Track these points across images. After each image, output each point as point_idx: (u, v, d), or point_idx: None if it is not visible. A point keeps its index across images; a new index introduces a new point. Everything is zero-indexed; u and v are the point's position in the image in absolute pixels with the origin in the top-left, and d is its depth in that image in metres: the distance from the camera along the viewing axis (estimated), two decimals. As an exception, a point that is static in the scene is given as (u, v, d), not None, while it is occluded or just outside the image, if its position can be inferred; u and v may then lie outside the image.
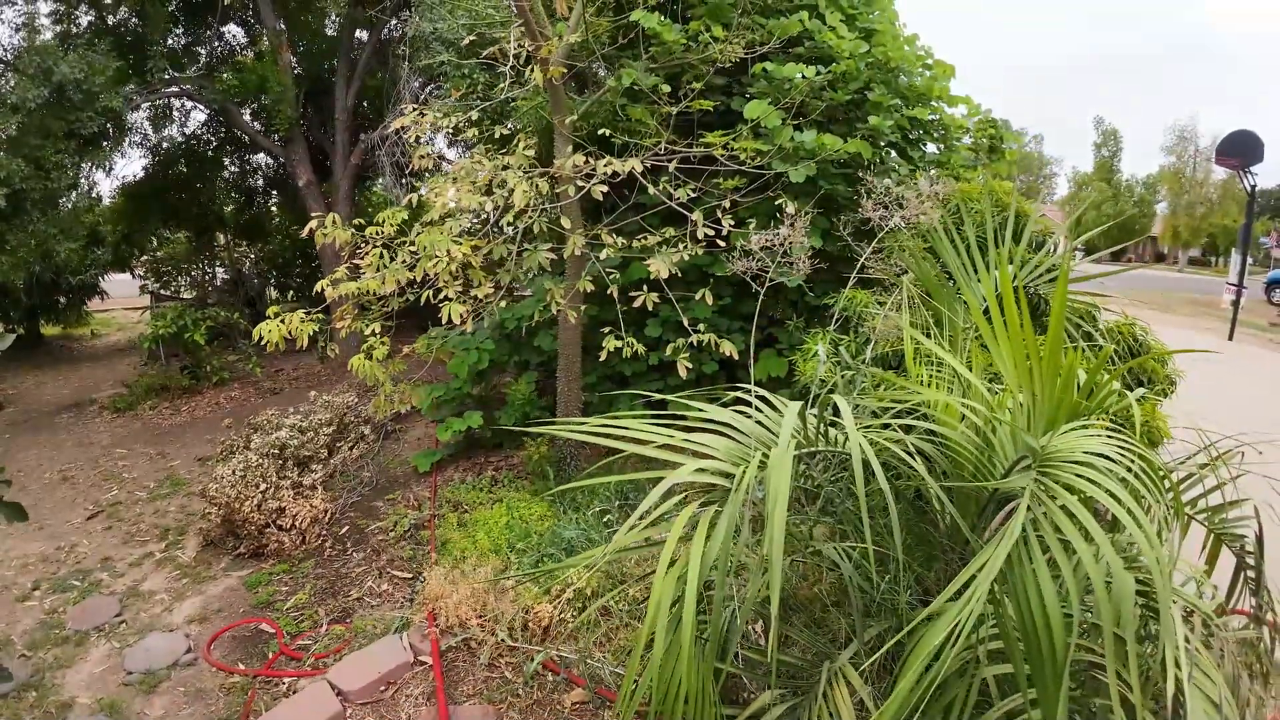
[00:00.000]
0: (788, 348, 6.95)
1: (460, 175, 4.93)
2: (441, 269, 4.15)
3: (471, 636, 4.28)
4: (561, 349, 6.65)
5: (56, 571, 6.34)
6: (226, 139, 15.09)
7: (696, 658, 2.24)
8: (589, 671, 3.88)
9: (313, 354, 13.52)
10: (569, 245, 5.03)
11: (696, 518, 2.42)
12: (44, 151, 10.25)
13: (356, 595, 5.45)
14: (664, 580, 2.14)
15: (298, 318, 4.25)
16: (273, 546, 6.19)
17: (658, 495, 2.29)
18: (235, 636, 5.13)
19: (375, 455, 8.33)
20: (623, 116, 6.26)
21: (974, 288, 4.74)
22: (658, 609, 2.13)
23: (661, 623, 2.10)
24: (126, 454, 9.35)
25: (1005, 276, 2.95)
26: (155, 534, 6.97)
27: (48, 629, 5.41)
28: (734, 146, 5.32)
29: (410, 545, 6.09)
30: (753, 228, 5.10)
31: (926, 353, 4.27)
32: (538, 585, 4.29)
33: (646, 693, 2.43)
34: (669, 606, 2.16)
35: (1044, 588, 2.47)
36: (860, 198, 6.38)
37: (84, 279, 15.94)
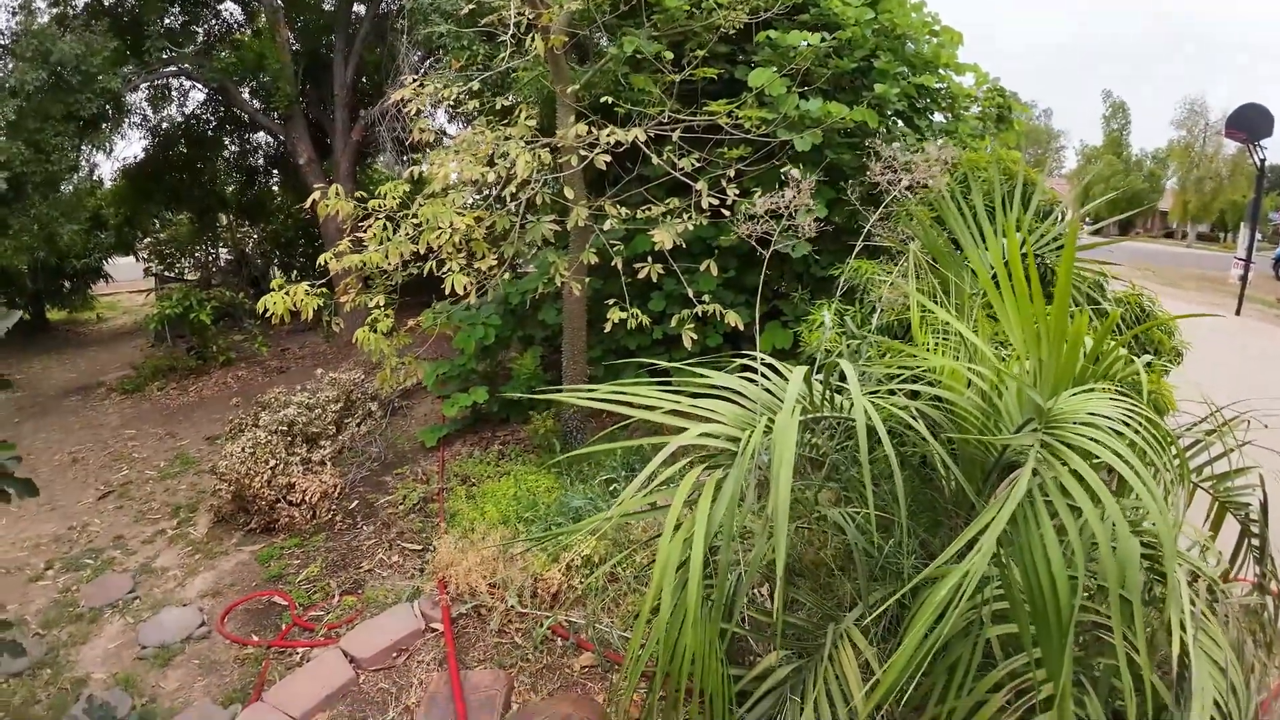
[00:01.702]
0: (792, 319, 6.94)
1: (462, 147, 4.90)
2: (445, 241, 4.14)
3: (481, 603, 4.34)
4: (566, 322, 6.64)
5: (69, 551, 6.41)
6: (226, 118, 15.00)
7: (703, 619, 2.26)
8: (597, 636, 3.93)
9: (318, 333, 13.54)
10: (573, 217, 5.00)
11: (702, 482, 2.43)
12: (43, 134, 10.21)
13: (367, 567, 5.50)
14: (669, 543, 2.16)
15: (302, 290, 4.25)
16: (284, 521, 6.24)
17: (662, 458, 2.30)
18: (248, 609, 5.19)
19: (383, 431, 8.37)
20: (625, 86, 6.20)
21: (981, 255, 4.71)
22: (664, 571, 2.14)
23: (668, 584, 2.12)
24: (135, 435, 9.42)
25: (1014, 241, 2.93)
26: (166, 512, 7.04)
27: (61, 607, 5.47)
28: (739, 115, 5.26)
29: (419, 518, 6.14)
30: (758, 196, 5.06)
31: (932, 321, 4.26)
32: (546, 553, 4.33)
33: (654, 655, 2.45)
34: (675, 570, 2.17)
35: (1050, 548, 2.48)
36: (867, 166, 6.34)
37: (88, 263, 15.99)
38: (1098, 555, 2.57)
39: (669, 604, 2.11)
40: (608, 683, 3.75)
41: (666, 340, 7.64)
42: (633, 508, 2.34)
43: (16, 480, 2.81)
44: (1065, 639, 2.38)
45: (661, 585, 2.12)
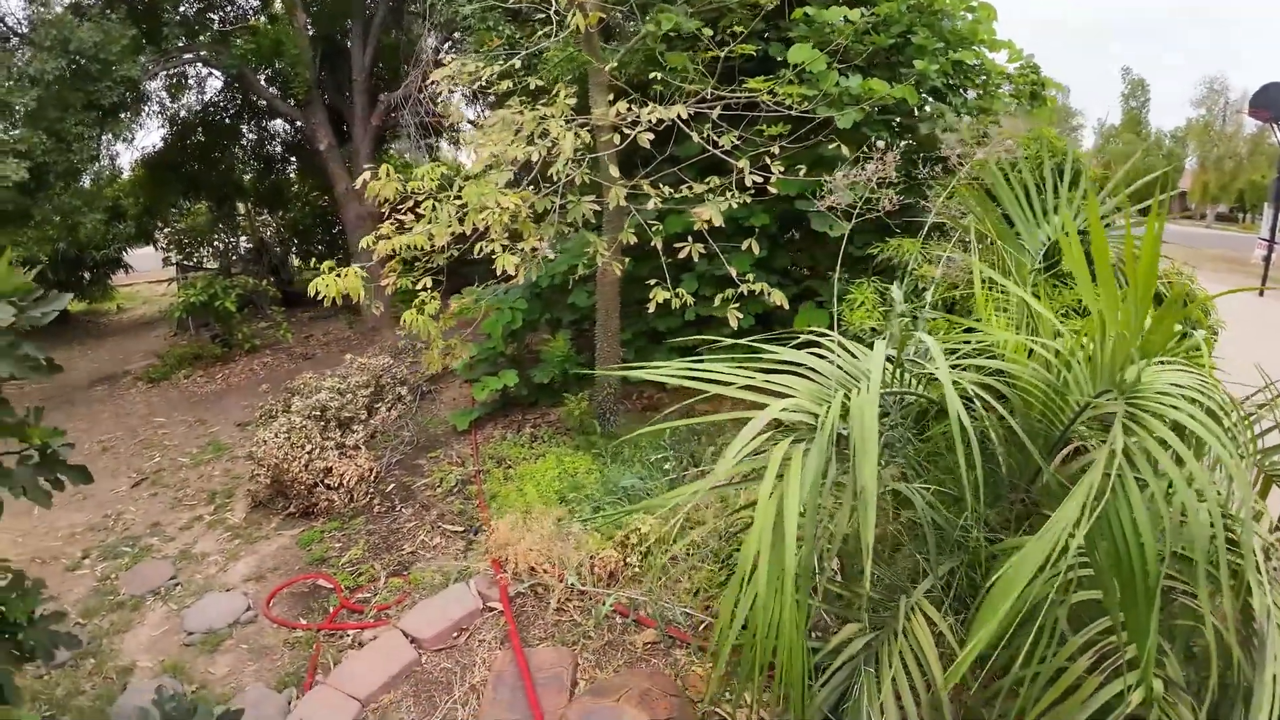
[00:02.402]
0: (828, 299, 6.88)
1: (500, 127, 4.85)
2: (494, 220, 4.10)
3: (539, 582, 4.34)
4: (600, 304, 6.61)
5: (105, 539, 6.43)
6: (243, 106, 14.98)
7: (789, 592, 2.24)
8: (659, 613, 3.92)
9: (341, 319, 13.57)
10: (612, 197, 4.95)
11: (787, 454, 2.40)
12: (64, 124, 10.21)
13: (410, 549, 5.51)
14: (765, 513, 2.13)
15: (354, 273, 4.22)
16: (322, 505, 6.26)
17: (755, 430, 2.27)
18: (293, 593, 5.21)
19: (413, 415, 8.37)
20: (660, 63, 6.13)
21: (1033, 232, 4.66)
22: (759, 542, 2.12)
23: (764, 556, 2.09)
24: (165, 422, 9.46)
25: (1094, 206, 2.87)
26: (202, 498, 7.07)
27: (101, 595, 5.48)
28: (780, 92, 5.19)
29: (459, 500, 6.14)
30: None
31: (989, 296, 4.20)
32: (601, 533, 4.32)
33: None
34: (770, 541, 2.15)
35: (1138, 515, 2.49)
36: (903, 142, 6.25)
37: (107, 253, 16.02)
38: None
39: (768, 575, 2.08)
40: (671, 658, 3.75)
41: (698, 320, 7.60)
42: (720, 479, 2.31)
43: (70, 467, 2.79)
44: (1152, 604, 2.39)
45: (757, 556, 2.09)
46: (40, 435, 2.56)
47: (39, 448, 2.60)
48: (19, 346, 2.41)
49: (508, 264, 4.17)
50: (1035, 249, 4.60)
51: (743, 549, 2.20)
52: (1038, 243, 4.65)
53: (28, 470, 2.59)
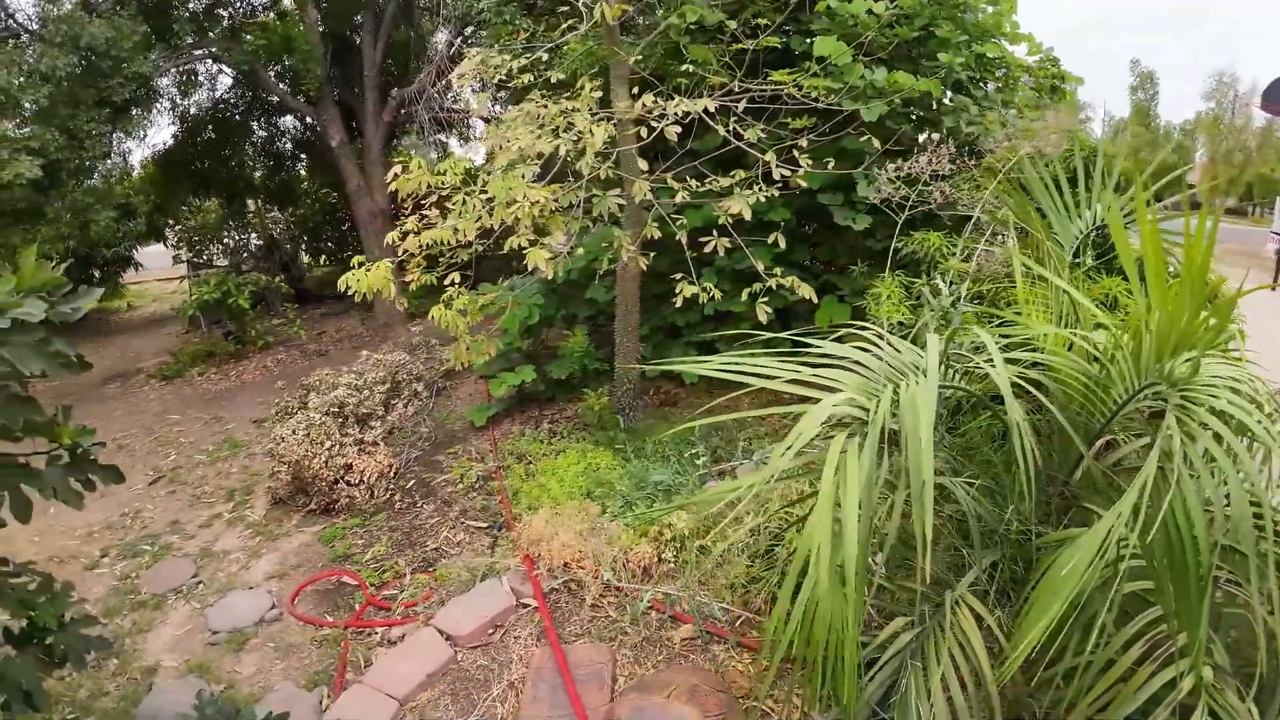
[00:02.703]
0: (849, 294, 6.83)
1: (522, 120, 4.81)
2: (523, 214, 4.06)
3: (573, 578, 4.31)
4: (620, 299, 6.57)
5: (124, 538, 6.41)
6: (253, 103, 14.95)
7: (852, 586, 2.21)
8: (696, 608, 3.88)
9: (353, 315, 13.56)
10: (636, 190, 4.91)
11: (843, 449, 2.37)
12: (76, 121, 10.18)
13: (434, 546, 5.49)
14: (826, 505, 2.10)
15: (385, 267, 4.18)
16: (343, 502, 6.24)
17: (812, 425, 2.24)
18: (317, 590, 5.19)
19: (430, 411, 8.35)
20: (682, 56, 6.08)
21: (1066, 226, 4.63)
22: (818, 535, 2.08)
23: (824, 549, 2.06)
24: (180, 420, 9.45)
25: (1143, 204, 2.83)
26: (221, 495, 7.06)
27: (122, 595, 5.44)
28: (806, 85, 5.14)
29: (481, 496, 6.12)
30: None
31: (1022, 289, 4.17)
32: (634, 528, 4.28)
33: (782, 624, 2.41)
34: (828, 536, 2.12)
35: (1191, 505, 2.50)
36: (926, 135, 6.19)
37: (118, 251, 16.00)
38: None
39: (827, 568, 2.05)
40: (710, 654, 3.72)
41: (716, 316, 7.57)
42: (775, 472, 2.28)
43: (101, 467, 2.74)
44: (1204, 593, 2.41)
45: (813, 551, 2.06)
46: (70, 435, 2.52)
47: (69, 447, 2.55)
48: (50, 343, 2.34)
49: (540, 259, 4.13)
50: (1068, 242, 4.56)
51: (799, 545, 2.17)
52: (1070, 236, 4.61)
53: (58, 471, 2.55)
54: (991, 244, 4.81)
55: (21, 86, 9.37)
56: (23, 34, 11.16)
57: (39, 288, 2.36)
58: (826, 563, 2.05)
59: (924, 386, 2.46)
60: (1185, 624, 2.54)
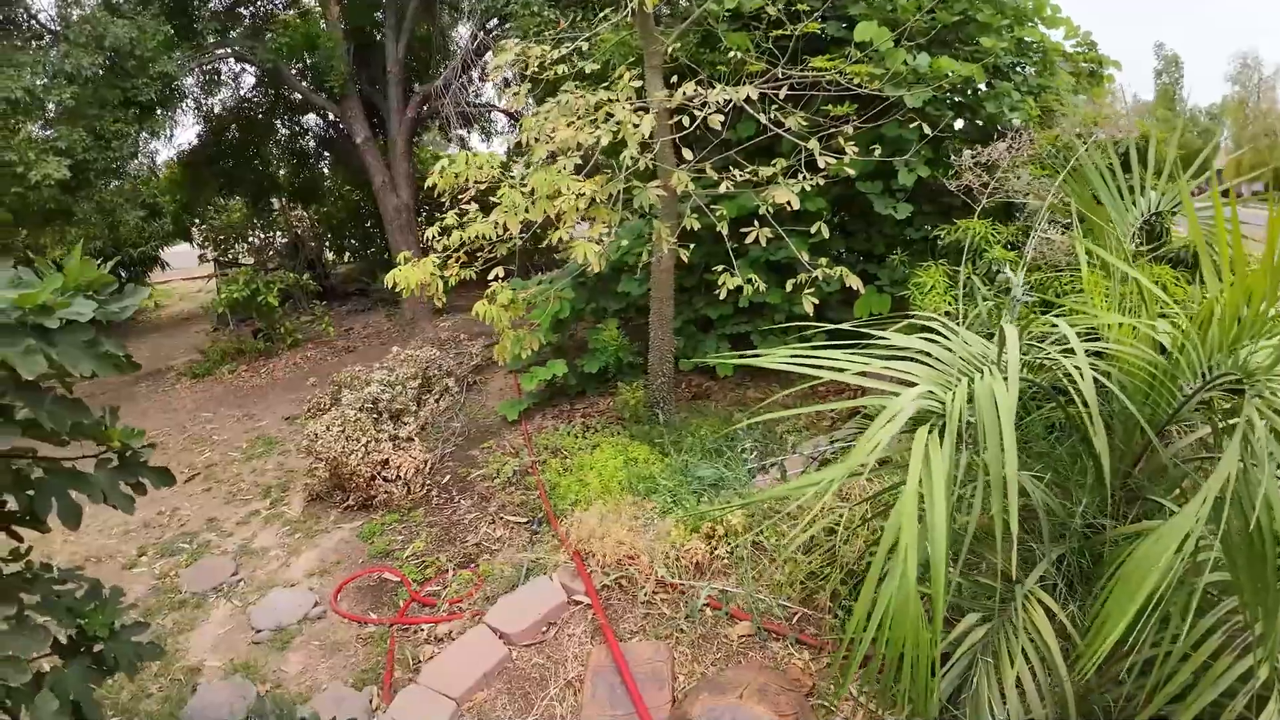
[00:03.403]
0: (888, 283, 6.73)
1: (557, 112, 4.74)
2: (568, 207, 4.00)
3: (624, 575, 4.25)
4: (654, 291, 6.50)
5: (161, 536, 6.43)
6: (277, 102, 15.01)
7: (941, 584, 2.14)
8: (753, 605, 3.81)
9: (380, 311, 13.60)
10: (676, 181, 4.84)
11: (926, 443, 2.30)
12: (103, 121, 10.24)
13: (474, 541, 5.46)
14: (910, 501, 2.03)
15: (430, 263, 4.14)
16: (381, 497, 6.23)
17: (896, 415, 2.17)
18: (359, 587, 5.18)
19: (461, 406, 8.35)
20: (716, 45, 5.99)
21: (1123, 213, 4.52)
22: (903, 532, 2.02)
23: (911, 547, 1.99)
24: (212, 417, 9.51)
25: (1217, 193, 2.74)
26: (257, 492, 7.08)
27: (162, 594, 5.45)
28: (848, 71, 5.04)
29: (518, 491, 6.08)
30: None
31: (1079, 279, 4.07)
32: (685, 524, 4.22)
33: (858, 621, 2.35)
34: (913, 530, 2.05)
35: (1271, 494, 2.46)
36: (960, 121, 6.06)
37: (145, 251, 16.18)
38: None
39: (913, 565, 1.98)
40: (769, 652, 3.65)
41: (751, 308, 7.48)
42: (853, 467, 2.21)
43: (151, 469, 2.69)
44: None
45: (904, 548, 2.00)
46: (119, 436, 2.47)
47: (118, 450, 2.51)
48: (99, 344, 2.24)
49: (589, 253, 4.06)
50: (1125, 230, 4.44)
51: (882, 541, 2.11)
52: (1127, 224, 4.50)
53: (107, 474, 2.50)
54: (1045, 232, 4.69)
55: (46, 88, 9.42)
56: (45, 35, 11.23)
57: (86, 286, 2.29)
58: (913, 560, 1.98)
59: (998, 381, 2.38)
60: (1262, 615, 2.49)
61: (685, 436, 6.32)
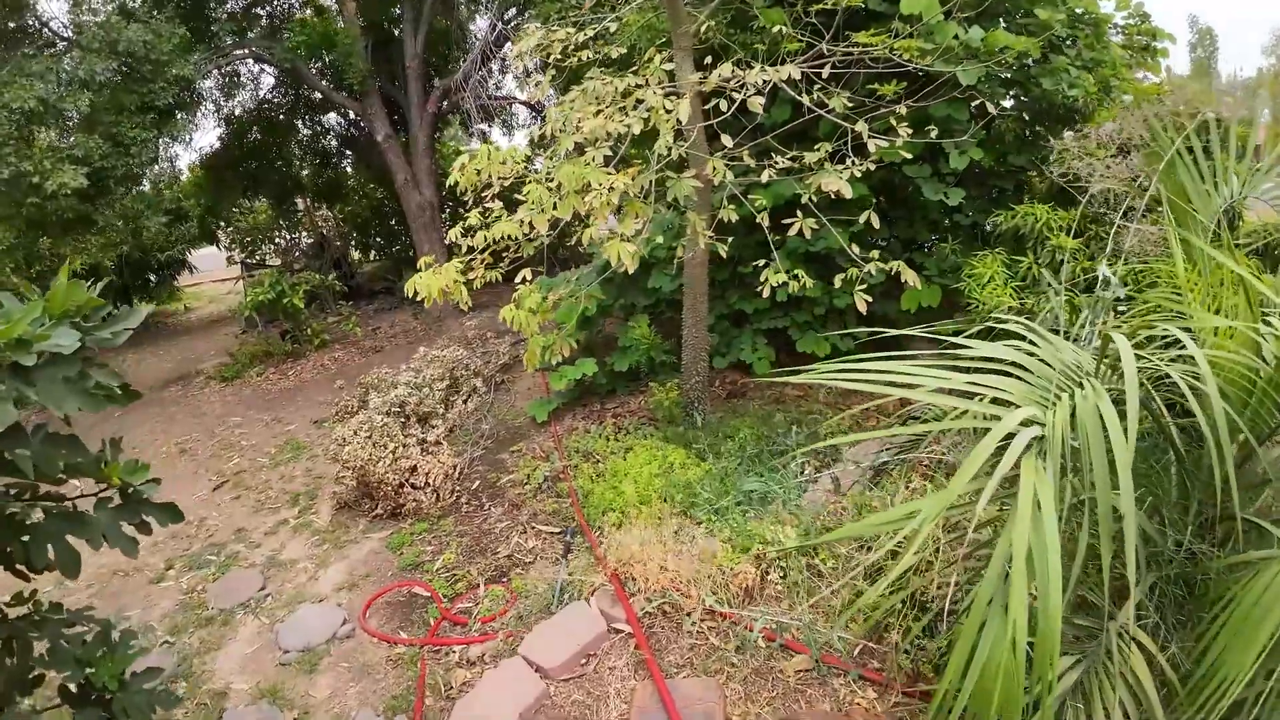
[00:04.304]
0: (936, 274, 6.35)
1: (582, 101, 4.45)
2: (599, 202, 3.72)
3: (667, 601, 3.95)
4: (688, 287, 6.20)
5: (189, 548, 6.29)
6: (297, 101, 14.90)
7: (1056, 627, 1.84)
8: (810, 636, 3.48)
9: (406, 310, 13.45)
10: (713, 170, 4.53)
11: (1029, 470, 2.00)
12: (120, 127, 10.14)
13: (505, 553, 5.23)
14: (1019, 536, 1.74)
15: (453, 268, 3.88)
16: (410, 506, 6.03)
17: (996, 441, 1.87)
18: (389, 602, 4.97)
19: (489, 408, 8.14)
20: (749, 25, 5.65)
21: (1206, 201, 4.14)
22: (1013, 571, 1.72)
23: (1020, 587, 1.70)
24: (241, 421, 9.41)
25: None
26: (285, 500, 6.92)
27: (188, 610, 5.30)
28: (897, 47, 4.67)
29: (550, 499, 5.84)
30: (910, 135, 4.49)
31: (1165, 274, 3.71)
32: (732, 544, 3.92)
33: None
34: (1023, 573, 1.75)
35: None
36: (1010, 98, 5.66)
37: (172, 255, 16.23)
38: None
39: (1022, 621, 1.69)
40: (830, 689, 3.35)
41: (789, 302, 7.15)
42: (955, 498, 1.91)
43: (156, 507, 2.49)
44: None
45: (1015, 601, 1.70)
46: (120, 473, 2.24)
47: (119, 487, 2.28)
48: (87, 378, 2.02)
49: (624, 253, 3.77)
50: (1209, 219, 4.08)
51: (980, 592, 1.82)
52: (1211, 212, 4.13)
53: (108, 514, 2.28)
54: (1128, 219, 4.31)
55: (62, 95, 9.31)
56: (58, 42, 11.15)
57: (72, 312, 2.05)
58: (1023, 614, 1.69)
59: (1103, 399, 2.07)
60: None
61: (723, 440, 6.03)
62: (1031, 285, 5.29)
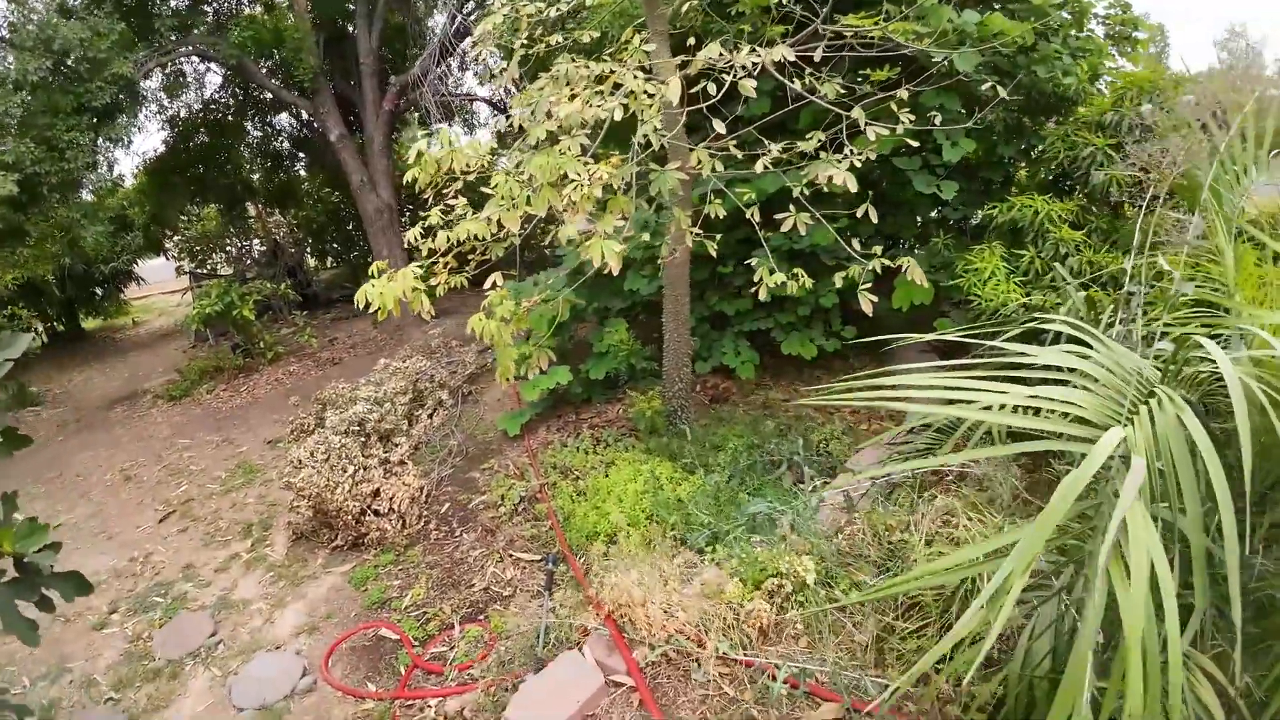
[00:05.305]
0: (928, 270, 6.03)
1: (552, 87, 4.04)
2: (581, 196, 3.32)
3: (674, 645, 3.49)
4: (669, 289, 5.82)
5: (134, 587, 5.75)
6: (246, 101, 14.21)
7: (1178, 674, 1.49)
8: (839, 681, 3.06)
9: (365, 318, 12.85)
10: (704, 163, 4.14)
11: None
12: (55, 130, 9.45)
13: (481, 586, 4.78)
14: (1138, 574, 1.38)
15: (411, 274, 3.44)
16: (373, 535, 5.54)
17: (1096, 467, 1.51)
18: (354, 647, 4.49)
19: (457, 422, 7.66)
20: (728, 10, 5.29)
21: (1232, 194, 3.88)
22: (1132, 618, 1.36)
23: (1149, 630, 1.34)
24: (190, 444, 8.79)
25: None
26: (237, 531, 6.38)
27: (134, 660, 4.80)
28: (891, 30, 4.34)
29: (527, 522, 5.40)
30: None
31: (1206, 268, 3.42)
32: (741, 577, 3.50)
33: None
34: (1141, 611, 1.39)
35: None
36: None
37: (117, 266, 15.41)
38: None
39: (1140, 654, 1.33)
40: (865, 745, 2.96)
41: (771, 303, 6.80)
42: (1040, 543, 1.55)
43: (59, 578, 2.03)
44: None
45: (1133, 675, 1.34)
46: (14, 540, 1.79)
47: (15, 556, 1.83)
48: None
49: (609, 253, 3.36)
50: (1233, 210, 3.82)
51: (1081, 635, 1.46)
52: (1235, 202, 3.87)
53: (2, 592, 1.84)
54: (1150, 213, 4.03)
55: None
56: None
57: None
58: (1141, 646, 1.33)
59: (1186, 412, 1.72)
60: None
61: (711, 450, 5.65)
62: (1034, 280, 5.02)
